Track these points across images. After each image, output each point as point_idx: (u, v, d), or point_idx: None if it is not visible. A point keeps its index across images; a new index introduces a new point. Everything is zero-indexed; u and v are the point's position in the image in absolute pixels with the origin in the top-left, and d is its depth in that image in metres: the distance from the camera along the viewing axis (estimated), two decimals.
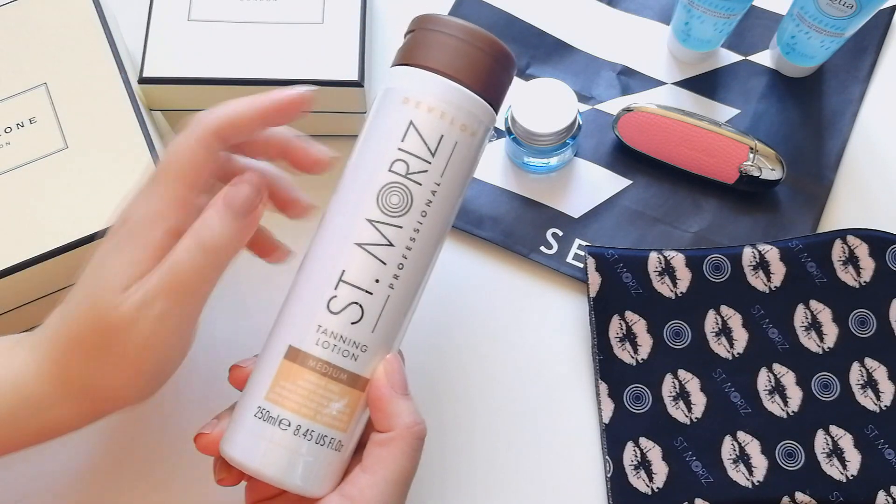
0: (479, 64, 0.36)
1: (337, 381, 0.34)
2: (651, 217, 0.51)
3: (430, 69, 0.35)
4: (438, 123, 0.35)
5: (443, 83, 0.35)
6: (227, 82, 0.48)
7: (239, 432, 0.34)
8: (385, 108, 0.36)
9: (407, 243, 0.35)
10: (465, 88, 0.35)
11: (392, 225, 0.35)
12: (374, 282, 0.34)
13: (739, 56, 0.56)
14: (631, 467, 0.46)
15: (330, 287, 0.34)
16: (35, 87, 0.47)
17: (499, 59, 0.37)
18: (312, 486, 0.34)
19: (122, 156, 0.45)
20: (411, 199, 0.35)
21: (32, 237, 0.43)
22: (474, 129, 0.36)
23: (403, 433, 0.34)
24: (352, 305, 0.34)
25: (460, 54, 0.36)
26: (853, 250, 0.47)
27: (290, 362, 0.34)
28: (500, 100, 0.38)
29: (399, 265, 0.35)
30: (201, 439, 0.36)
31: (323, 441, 0.34)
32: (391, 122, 0.35)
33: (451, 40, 0.36)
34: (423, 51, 0.36)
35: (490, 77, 0.36)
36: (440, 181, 0.35)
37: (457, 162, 0.36)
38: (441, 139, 0.35)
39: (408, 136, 0.35)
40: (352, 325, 0.34)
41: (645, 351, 0.48)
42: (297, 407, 0.34)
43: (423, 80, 0.35)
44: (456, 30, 0.36)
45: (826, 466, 0.45)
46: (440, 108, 0.35)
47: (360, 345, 0.34)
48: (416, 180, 0.35)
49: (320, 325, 0.34)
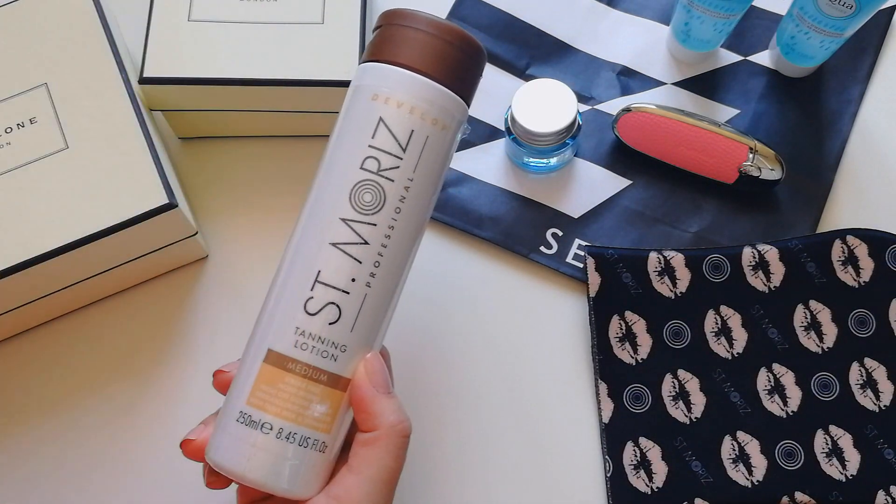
0: (447, 57, 0.35)
1: (318, 383, 0.34)
2: (651, 217, 0.51)
3: (398, 64, 0.35)
4: (408, 119, 0.35)
5: (411, 78, 0.35)
6: (227, 82, 0.48)
7: (223, 438, 0.34)
8: (354, 105, 0.36)
9: (382, 241, 0.35)
10: (434, 82, 0.35)
11: (366, 223, 0.34)
12: (351, 281, 0.34)
13: (739, 56, 0.56)
14: (630, 467, 0.46)
15: (306, 288, 0.34)
16: (35, 88, 0.47)
17: (467, 52, 0.36)
18: (299, 489, 0.34)
19: (122, 156, 0.45)
20: (384, 196, 0.35)
21: (32, 237, 0.43)
22: (445, 122, 0.36)
23: (388, 432, 0.34)
24: (329, 306, 0.34)
25: (428, 48, 0.35)
26: (853, 250, 0.47)
27: (269, 366, 0.34)
28: (471, 92, 0.38)
29: (375, 263, 0.35)
30: (188, 445, 0.36)
31: (307, 443, 0.34)
32: (361, 119, 0.35)
33: (418, 35, 0.35)
34: (390, 46, 0.36)
35: (459, 70, 0.36)
36: (413, 177, 0.35)
37: (429, 157, 0.35)
38: (412, 134, 0.35)
39: (378, 132, 0.35)
40: (330, 326, 0.34)
41: (644, 351, 0.48)
42: (279, 410, 0.33)
43: (392, 76, 0.35)
44: (423, 24, 0.36)
45: (826, 466, 0.45)
46: (409, 103, 0.35)
47: (339, 345, 0.34)
48: (389, 177, 0.35)
49: (298, 327, 0.34)
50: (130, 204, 0.44)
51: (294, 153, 0.54)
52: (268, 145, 0.54)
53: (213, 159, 0.54)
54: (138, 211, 0.44)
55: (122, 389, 0.48)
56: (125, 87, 0.47)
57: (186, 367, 0.49)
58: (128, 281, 0.50)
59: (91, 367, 0.49)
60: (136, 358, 0.49)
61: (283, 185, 0.53)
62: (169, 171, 0.47)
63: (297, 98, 0.49)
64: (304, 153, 0.54)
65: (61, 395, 0.48)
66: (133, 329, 0.50)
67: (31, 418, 0.48)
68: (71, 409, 0.48)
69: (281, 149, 0.54)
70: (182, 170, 0.54)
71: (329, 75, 0.48)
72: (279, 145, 0.54)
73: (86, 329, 0.50)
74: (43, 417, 0.48)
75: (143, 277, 0.50)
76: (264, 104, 0.50)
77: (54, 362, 0.49)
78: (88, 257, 0.45)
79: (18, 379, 0.49)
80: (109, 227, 0.43)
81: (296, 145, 0.54)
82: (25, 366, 0.49)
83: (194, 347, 0.50)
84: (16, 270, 0.43)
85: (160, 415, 0.48)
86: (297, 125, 0.53)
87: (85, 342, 0.50)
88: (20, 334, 0.50)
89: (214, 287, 0.51)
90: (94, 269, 0.47)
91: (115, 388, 0.49)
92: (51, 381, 0.49)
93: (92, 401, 0.48)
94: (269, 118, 0.52)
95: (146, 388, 0.48)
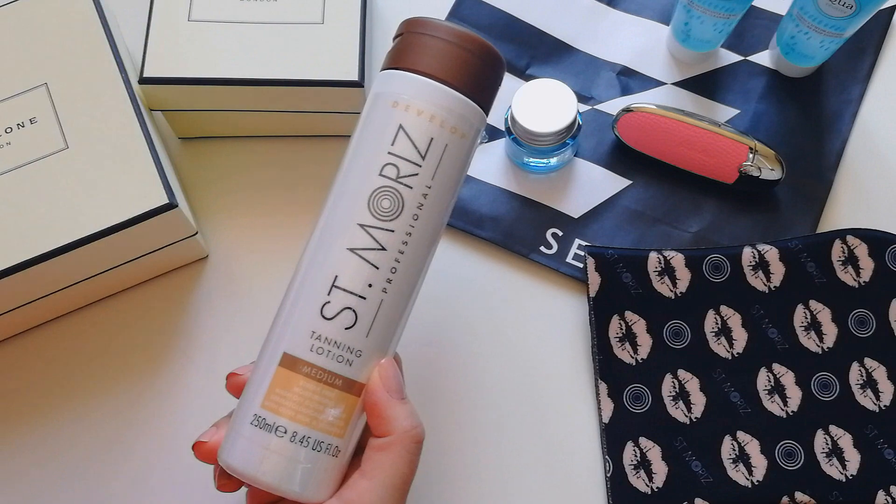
0: (467, 66, 0.36)
1: (332, 387, 0.34)
2: (651, 217, 0.51)
3: (419, 72, 0.35)
4: (428, 126, 0.35)
5: (431, 86, 0.35)
6: (226, 82, 0.48)
7: (236, 441, 0.34)
8: (374, 112, 0.36)
9: (399, 247, 0.35)
10: (454, 91, 0.35)
11: (384, 229, 0.35)
12: (367, 286, 0.34)
13: (739, 56, 0.56)
14: (630, 467, 0.46)
15: (323, 293, 0.34)
16: (35, 88, 0.47)
17: (487, 61, 0.37)
18: (311, 493, 0.34)
19: (122, 156, 0.45)
20: (402, 202, 0.35)
21: (32, 237, 0.43)
22: (464, 130, 0.36)
23: (401, 437, 0.34)
24: (345, 311, 0.34)
25: (448, 57, 0.36)
26: (853, 250, 0.47)
27: (284, 369, 0.34)
28: (490, 101, 0.38)
29: (392, 269, 0.35)
30: (200, 447, 0.36)
31: (320, 447, 0.34)
32: (381, 126, 0.35)
33: (439, 43, 0.36)
34: (411, 54, 0.36)
35: (478, 79, 0.36)
36: (431, 184, 0.35)
37: (447, 164, 0.36)
38: (431, 142, 0.35)
39: (397, 139, 0.35)
40: (346, 331, 0.34)
41: (644, 351, 0.48)
42: (294, 414, 0.33)
43: (412, 84, 0.35)
44: (444, 32, 0.36)
45: (826, 466, 0.45)
46: (429, 111, 0.35)
47: (354, 350, 0.34)
48: (407, 184, 0.35)
49: (314, 332, 0.34)
50: (130, 204, 0.44)
51: (294, 153, 0.54)
52: (268, 145, 0.54)
53: (213, 159, 0.54)
54: (138, 211, 0.44)
55: (123, 389, 0.48)
56: (125, 88, 0.47)
57: (187, 367, 0.49)
58: (128, 281, 0.50)
59: (91, 367, 0.49)
60: (137, 358, 0.49)
61: (284, 184, 0.53)
62: (169, 171, 0.47)
63: (296, 98, 0.49)
64: (304, 153, 0.54)
65: (62, 395, 0.48)
66: (133, 329, 0.50)
67: (31, 418, 0.48)
68: (71, 409, 0.48)
69: (281, 149, 0.54)
70: (182, 170, 0.54)
71: (329, 75, 0.48)
72: (279, 145, 0.54)
73: (86, 329, 0.50)
74: (43, 418, 0.48)
75: (143, 277, 0.51)
76: (264, 104, 0.50)
77: (54, 362, 0.49)
78: (88, 257, 0.45)
79: (18, 379, 0.49)
80: (109, 227, 0.43)
81: (296, 145, 0.54)
82: (25, 366, 0.49)
83: (194, 347, 0.50)
84: (16, 270, 0.43)
85: (161, 414, 0.48)
86: (297, 125, 0.53)
87: (85, 342, 0.50)
88: (20, 334, 0.50)
89: (214, 287, 0.51)
90: (94, 269, 0.47)
91: (116, 388, 0.49)
92: (51, 382, 0.49)
93: (92, 401, 0.48)
94: (270, 118, 0.52)
95: (147, 388, 0.48)
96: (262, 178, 0.53)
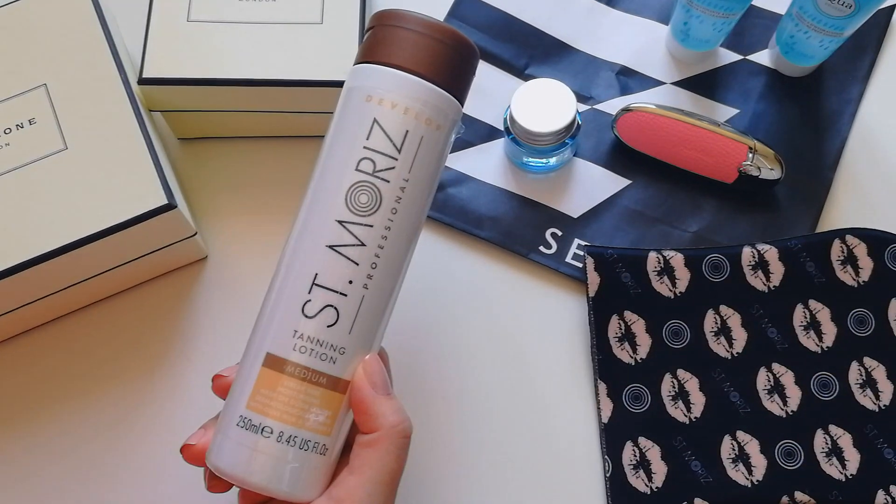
0: (440, 57, 0.35)
1: (317, 386, 0.34)
2: (650, 217, 0.51)
3: (391, 65, 0.35)
4: (402, 119, 0.35)
5: (404, 78, 0.35)
6: (226, 83, 0.48)
7: (223, 442, 0.34)
8: (348, 107, 0.36)
9: (379, 242, 0.35)
10: (427, 82, 0.35)
11: (362, 224, 0.34)
12: (348, 283, 0.34)
13: (738, 56, 0.56)
14: (630, 467, 0.46)
15: (304, 291, 0.34)
16: (35, 88, 0.47)
17: (459, 51, 0.36)
18: (300, 492, 0.34)
19: (121, 156, 0.45)
20: (380, 197, 0.35)
21: (32, 237, 0.43)
22: (440, 122, 0.36)
23: (388, 433, 0.34)
24: (327, 308, 0.34)
25: (420, 48, 0.35)
26: (852, 250, 0.47)
27: (268, 369, 0.34)
28: (465, 91, 0.38)
29: (372, 265, 0.35)
30: (188, 450, 0.36)
31: (307, 446, 0.34)
32: (355, 120, 0.35)
33: (410, 34, 0.35)
34: (382, 47, 0.36)
35: (452, 69, 0.36)
36: (408, 177, 0.35)
37: (424, 157, 0.35)
38: (406, 135, 0.35)
39: (372, 133, 0.35)
40: (328, 328, 0.34)
41: (644, 350, 0.48)
42: (279, 414, 0.33)
43: (384, 77, 0.35)
44: (415, 24, 0.36)
45: (825, 466, 0.45)
46: (403, 103, 0.35)
47: (337, 347, 0.34)
48: (384, 178, 0.35)
49: (296, 330, 0.34)
50: (130, 204, 0.44)
51: (294, 153, 0.54)
52: (267, 145, 0.54)
53: (213, 159, 0.54)
54: (138, 211, 0.44)
55: (123, 389, 0.49)
56: (124, 88, 0.47)
57: (186, 368, 0.49)
58: (128, 281, 0.50)
59: (91, 368, 0.49)
60: (136, 358, 0.49)
61: (283, 185, 0.53)
62: (168, 172, 0.47)
63: (296, 98, 0.49)
64: (303, 153, 0.54)
65: (61, 396, 0.49)
66: (133, 329, 0.50)
67: (30, 419, 0.48)
68: (71, 409, 0.48)
69: (280, 149, 0.54)
70: (182, 170, 0.54)
71: (328, 75, 0.48)
72: (279, 145, 0.54)
73: (86, 329, 0.50)
74: (42, 418, 0.48)
75: (142, 278, 0.51)
76: (263, 104, 0.50)
77: (54, 363, 0.49)
78: (88, 257, 0.45)
79: (18, 379, 0.49)
80: (109, 228, 0.43)
81: (295, 145, 0.54)
82: (25, 366, 0.49)
83: (194, 347, 0.50)
84: (16, 270, 0.43)
85: (160, 415, 0.48)
86: (296, 125, 0.53)
87: (85, 342, 0.50)
88: (20, 334, 0.50)
89: (214, 287, 0.51)
90: (94, 269, 0.47)
91: (116, 389, 0.49)
92: (50, 382, 0.49)
93: (92, 401, 0.48)
94: (269, 118, 0.52)
95: (146, 389, 0.49)
96: (262, 179, 0.53)
